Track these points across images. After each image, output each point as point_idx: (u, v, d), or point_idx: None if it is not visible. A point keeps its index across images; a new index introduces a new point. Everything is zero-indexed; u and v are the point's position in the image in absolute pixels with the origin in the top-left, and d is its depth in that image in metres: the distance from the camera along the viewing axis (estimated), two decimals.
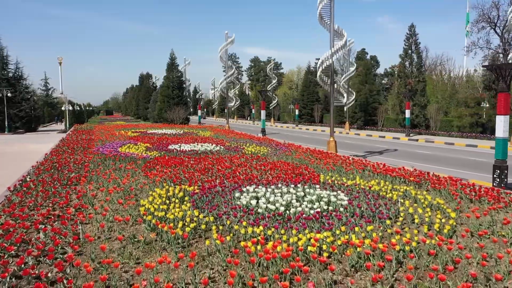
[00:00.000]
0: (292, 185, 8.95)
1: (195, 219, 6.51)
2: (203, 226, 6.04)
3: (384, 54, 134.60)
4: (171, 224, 6.04)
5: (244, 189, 8.38)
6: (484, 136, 27.43)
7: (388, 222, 6.39)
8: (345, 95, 17.94)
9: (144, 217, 6.45)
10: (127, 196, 7.86)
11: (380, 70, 63.39)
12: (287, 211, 6.92)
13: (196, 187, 8.80)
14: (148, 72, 60.89)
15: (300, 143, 23.06)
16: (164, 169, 11.35)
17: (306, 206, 7.09)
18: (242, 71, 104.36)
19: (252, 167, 12.06)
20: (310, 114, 50.85)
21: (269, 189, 8.46)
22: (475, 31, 36.81)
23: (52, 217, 6.82)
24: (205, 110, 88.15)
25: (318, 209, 6.89)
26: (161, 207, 7.02)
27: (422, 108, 33.32)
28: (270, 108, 56.93)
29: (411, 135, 30.32)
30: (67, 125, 39.75)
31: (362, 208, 7.24)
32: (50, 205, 7.59)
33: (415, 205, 7.51)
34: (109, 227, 6.30)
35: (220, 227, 6.06)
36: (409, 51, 34.12)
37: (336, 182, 9.55)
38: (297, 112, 48.14)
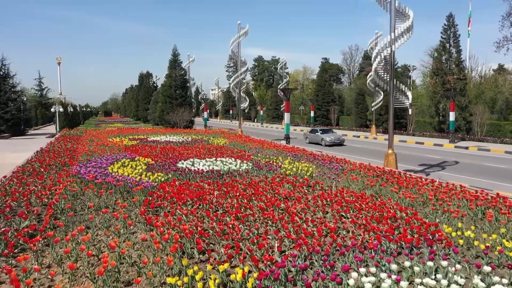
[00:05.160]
0: (428, 260, 4.70)
1: None
2: None
3: None
4: None
5: (348, 282, 4.13)
6: None
7: None
8: (409, 94, 13.70)
9: None
10: None
11: None
12: None
13: (245, 267, 4.53)
14: (148, 71, 56.45)
15: (329, 151, 18.85)
16: (176, 208, 7.14)
17: None
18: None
19: (309, 202, 7.83)
20: (325, 116, 46.51)
21: (395, 278, 4.22)
22: (506, 25, 32.66)
23: None
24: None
25: None
26: None
27: (462, 109, 29.07)
28: (281, 109, 52.67)
29: (455, 141, 26.04)
30: (57, 129, 35.49)
31: None
32: None
33: None
34: None
35: None
36: (447, 44, 29.84)
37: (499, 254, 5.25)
38: (312, 114, 43.79)
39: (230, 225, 6.28)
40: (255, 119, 67.16)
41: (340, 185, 9.73)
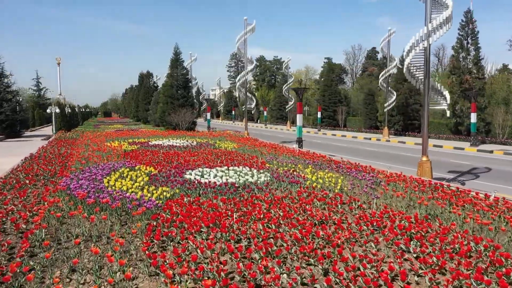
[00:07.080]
0: None
1: None
2: None
3: None
4: None
5: None
6: None
7: None
8: (446, 94, 12.16)
9: None
10: None
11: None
12: None
13: None
14: (148, 70, 54.75)
15: (345, 156, 17.26)
16: (188, 237, 5.60)
17: None
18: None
19: (352, 228, 6.26)
20: (332, 117, 44.91)
21: None
22: None
23: None
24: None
25: None
26: None
27: (481, 110, 27.50)
28: (286, 110, 51.10)
29: (477, 144, 24.44)
30: (54, 130, 33.94)
31: None
32: None
33: None
34: None
35: None
36: (465, 42, 28.28)
37: None
38: (319, 115, 42.19)
39: (263, 268, 4.70)
40: (258, 120, 65.59)
41: (380, 202, 8.15)
